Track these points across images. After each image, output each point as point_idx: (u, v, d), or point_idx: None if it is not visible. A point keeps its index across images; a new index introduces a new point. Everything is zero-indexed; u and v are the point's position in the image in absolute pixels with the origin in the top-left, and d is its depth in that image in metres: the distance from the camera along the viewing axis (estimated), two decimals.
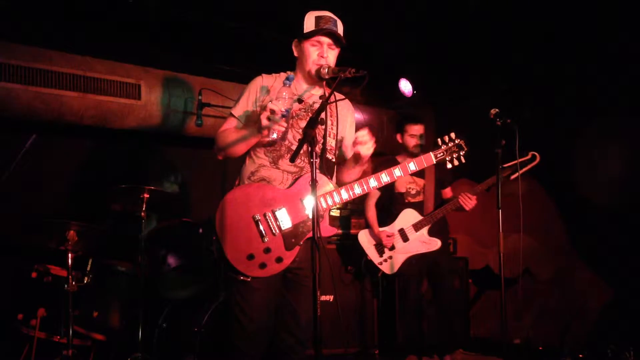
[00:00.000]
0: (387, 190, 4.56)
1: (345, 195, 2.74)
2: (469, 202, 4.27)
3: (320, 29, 2.72)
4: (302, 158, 2.72)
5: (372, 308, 4.98)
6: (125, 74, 4.33)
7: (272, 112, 2.46)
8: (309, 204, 2.66)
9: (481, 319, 5.39)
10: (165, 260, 4.20)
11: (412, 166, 2.84)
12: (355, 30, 4.58)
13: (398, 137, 4.62)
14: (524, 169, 4.18)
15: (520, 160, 4.15)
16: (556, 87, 5.11)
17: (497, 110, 3.68)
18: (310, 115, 2.76)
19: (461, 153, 2.95)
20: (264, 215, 2.62)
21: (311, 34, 2.74)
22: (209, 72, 4.79)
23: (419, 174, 4.55)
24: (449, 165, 2.95)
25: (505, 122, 3.64)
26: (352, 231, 5.08)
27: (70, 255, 3.57)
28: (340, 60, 2.73)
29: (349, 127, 2.97)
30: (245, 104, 2.79)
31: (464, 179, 5.29)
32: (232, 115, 2.82)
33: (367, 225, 4.62)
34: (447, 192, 4.63)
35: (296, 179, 2.70)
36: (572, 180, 4.85)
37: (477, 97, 5.50)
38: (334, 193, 2.72)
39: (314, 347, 2.30)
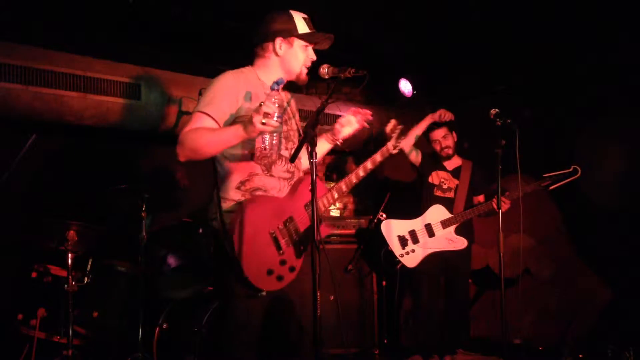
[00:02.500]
0: (422, 180, 4.68)
1: (336, 194, 2.78)
2: (502, 205, 4.23)
3: (320, 33, 2.67)
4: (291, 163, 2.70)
5: (372, 308, 4.98)
6: (125, 74, 4.32)
7: (267, 114, 2.23)
8: (309, 210, 2.66)
9: (481, 319, 5.39)
10: (165, 260, 4.20)
11: (379, 157, 2.88)
12: (356, 30, 4.61)
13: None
14: (564, 181, 4.22)
15: (563, 171, 4.18)
16: (556, 87, 5.11)
17: (497, 110, 3.69)
18: (287, 117, 2.73)
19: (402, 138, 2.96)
20: (279, 229, 2.57)
21: (311, 37, 2.66)
22: (209, 72, 4.77)
23: (455, 174, 4.65)
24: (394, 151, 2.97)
25: (505, 122, 3.64)
26: (350, 231, 5.06)
27: (70, 255, 3.57)
28: (340, 60, 2.72)
29: None
30: (227, 105, 2.55)
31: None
32: (204, 113, 2.52)
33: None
34: (480, 199, 4.65)
35: (294, 186, 2.67)
36: (573, 180, 4.84)
37: (477, 97, 5.50)
38: (328, 194, 2.76)
39: (314, 347, 2.31)
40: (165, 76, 4.54)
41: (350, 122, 2.84)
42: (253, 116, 2.27)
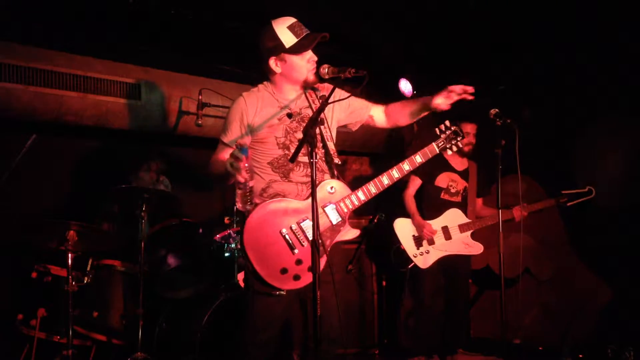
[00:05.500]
0: (426, 183, 4.59)
1: (362, 196, 2.77)
2: (517, 212, 4.35)
3: (308, 39, 2.69)
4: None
5: (372, 308, 4.98)
6: (125, 74, 4.32)
7: (236, 158, 2.40)
8: (330, 211, 2.71)
9: (481, 319, 5.39)
10: (165, 260, 4.20)
11: (419, 158, 2.87)
12: (356, 30, 4.61)
13: None
14: (579, 200, 4.41)
15: (579, 190, 4.40)
16: (556, 87, 5.10)
17: (497, 110, 3.68)
18: (302, 124, 2.76)
19: (458, 139, 2.96)
20: (291, 228, 2.65)
21: (301, 48, 2.69)
22: (209, 72, 4.79)
23: (464, 175, 4.59)
24: (449, 152, 2.96)
25: (505, 122, 3.64)
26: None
27: (70, 255, 3.57)
28: (340, 61, 2.72)
29: (343, 109, 2.92)
30: (237, 130, 2.75)
31: None
32: (222, 143, 2.79)
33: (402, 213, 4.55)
34: (479, 202, 4.63)
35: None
36: (572, 180, 4.84)
37: (477, 97, 5.48)
38: (352, 196, 2.76)
39: (313, 347, 2.31)
40: (165, 76, 4.54)
41: (447, 97, 2.85)
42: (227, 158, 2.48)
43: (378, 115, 3.00)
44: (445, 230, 4.43)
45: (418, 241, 4.42)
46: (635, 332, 4.31)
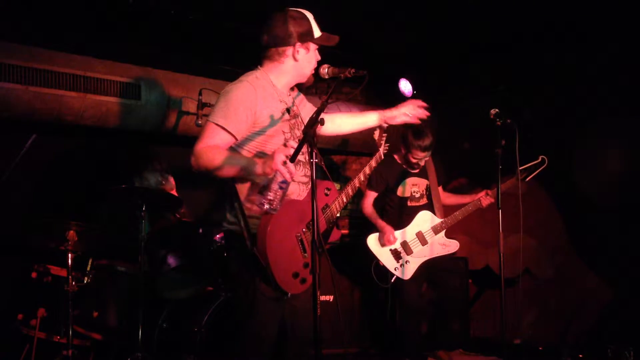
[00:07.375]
0: (389, 195, 4.51)
1: (345, 199, 2.85)
2: (484, 200, 4.33)
3: (333, 35, 2.69)
4: (309, 167, 2.72)
5: (373, 308, 4.97)
6: (125, 74, 4.32)
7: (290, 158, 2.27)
8: (327, 213, 2.78)
9: (481, 319, 5.39)
10: (165, 260, 4.20)
11: (373, 162, 3.05)
12: (356, 30, 4.60)
13: (402, 148, 4.46)
14: (537, 172, 4.28)
15: (533, 163, 4.24)
16: (556, 87, 5.11)
17: (497, 110, 3.68)
18: (296, 120, 2.73)
19: (388, 144, 3.10)
20: (303, 232, 2.63)
21: (327, 41, 2.67)
22: (209, 72, 4.78)
23: (422, 173, 4.52)
24: (385, 151, 3.11)
25: (505, 122, 3.64)
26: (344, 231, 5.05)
27: (70, 255, 3.57)
28: (340, 60, 2.72)
29: (308, 113, 2.78)
30: (244, 118, 2.51)
31: (462, 179, 5.30)
32: (220, 127, 2.49)
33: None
34: (440, 190, 4.57)
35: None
36: (572, 180, 4.84)
37: (477, 97, 5.49)
38: (339, 199, 2.83)
39: (314, 347, 2.31)
40: (165, 76, 4.54)
41: (408, 112, 2.95)
42: (276, 152, 2.29)
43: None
44: (420, 235, 4.36)
45: (396, 254, 4.32)
46: (635, 332, 4.31)
